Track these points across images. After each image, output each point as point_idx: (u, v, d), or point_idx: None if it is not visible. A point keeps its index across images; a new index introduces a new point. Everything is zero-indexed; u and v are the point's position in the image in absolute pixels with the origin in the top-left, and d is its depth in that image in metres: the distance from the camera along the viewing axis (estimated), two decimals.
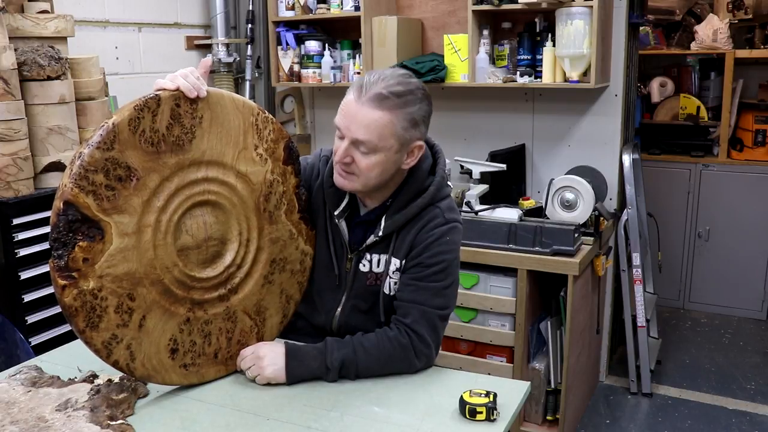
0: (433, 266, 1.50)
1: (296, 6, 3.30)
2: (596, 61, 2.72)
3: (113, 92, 2.83)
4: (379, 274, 1.56)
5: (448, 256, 1.51)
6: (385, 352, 1.46)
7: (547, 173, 3.18)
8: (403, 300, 1.51)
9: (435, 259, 1.50)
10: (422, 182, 1.53)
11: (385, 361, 1.46)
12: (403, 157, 1.47)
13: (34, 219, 2.19)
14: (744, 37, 4.22)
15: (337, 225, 1.57)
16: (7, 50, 2.10)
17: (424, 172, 1.54)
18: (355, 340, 1.48)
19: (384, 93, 1.39)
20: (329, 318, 1.63)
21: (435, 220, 1.51)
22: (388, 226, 1.52)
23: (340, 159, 1.44)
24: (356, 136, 1.40)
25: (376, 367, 1.46)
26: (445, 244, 1.51)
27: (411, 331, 1.47)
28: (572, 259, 2.58)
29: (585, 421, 3.01)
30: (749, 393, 3.22)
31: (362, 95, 1.39)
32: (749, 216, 3.94)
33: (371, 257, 1.56)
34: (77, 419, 1.26)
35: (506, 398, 1.36)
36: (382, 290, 1.56)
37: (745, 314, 4.07)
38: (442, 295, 1.51)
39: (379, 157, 1.42)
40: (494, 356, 2.77)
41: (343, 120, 1.42)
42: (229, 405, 1.38)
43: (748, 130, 3.97)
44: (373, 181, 1.46)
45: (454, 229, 1.53)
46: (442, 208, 1.53)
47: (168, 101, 1.31)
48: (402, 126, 1.41)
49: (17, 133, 2.13)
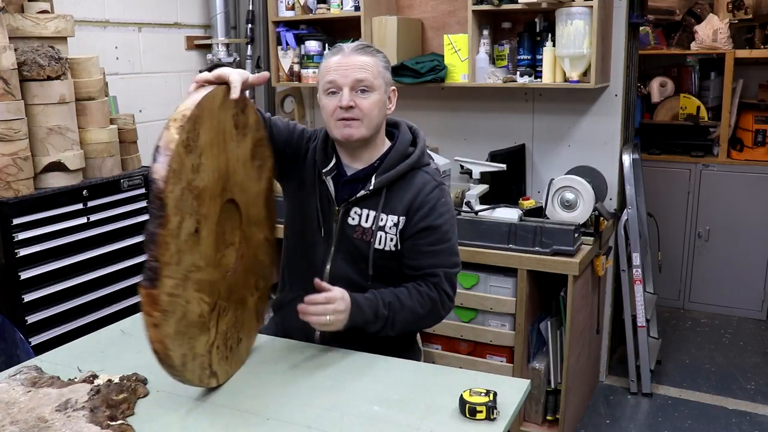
0: (440, 227, 1.67)
1: (296, 6, 3.30)
2: (596, 61, 2.72)
3: (113, 92, 2.83)
4: (367, 228, 1.67)
5: (448, 215, 1.70)
6: (418, 307, 1.63)
7: (547, 173, 3.18)
8: (424, 267, 1.67)
9: (440, 220, 1.67)
10: (405, 148, 1.72)
11: (417, 314, 1.64)
12: (386, 99, 1.68)
13: (34, 219, 2.19)
14: (744, 37, 4.22)
15: (324, 182, 1.70)
16: (7, 50, 2.10)
17: (406, 141, 1.73)
18: (393, 292, 1.63)
19: (361, 44, 1.67)
20: (321, 272, 1.70)
21: (428, 184, 1.68)
22: (379, 181, 1.66)
23: (347, 103, 1.60)
24: (355, 76, 1.61)
25: (411, 318, 1.63)
26: (444, 205, 1.69)
27: (439, 288, 1.66)
28: (572, 259, 2.58)
29: (585, 421, 3.01)
30: (749, 393, 3.21)
31: (346, 51, 1.64)
32: (749, 216, 3.94)
33: (360, 211, 1.68)
34: (77, 419, 1.26)
35: (506, 397, 1.36)
36: (373, 245, 1.67)
37: (745, 314, 4.07)
38: (454, 253, 1.71)
39: (375, 96, 1.63)
40: (494, 356, 2.77)
41: (337, 72, 1.62)
42: (229, 405, 1.38)
43: (748, 130, 3.97)
44: (374, 122, 1.64)
45: (446, 191, 1.73)
46: (430, 172, 1.71)
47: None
48: (383, 66, 1.66)
49: (17, 133, 2.13)
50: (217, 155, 1.34)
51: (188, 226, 1.25)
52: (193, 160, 1.25)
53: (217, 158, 1.35)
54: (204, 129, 1.28)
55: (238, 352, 1.53)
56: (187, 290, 1.27)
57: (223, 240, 1.43)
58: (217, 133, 1.34)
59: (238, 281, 1.51)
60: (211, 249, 1.35)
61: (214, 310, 1.40)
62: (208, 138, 1.30)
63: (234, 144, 1.42)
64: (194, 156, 1.26)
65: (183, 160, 1.22)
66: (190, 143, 1.24)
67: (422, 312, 1.64)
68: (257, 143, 1.54)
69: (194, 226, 1.27)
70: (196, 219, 1.28)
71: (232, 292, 1.49)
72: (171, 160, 1.18)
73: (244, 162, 1.48)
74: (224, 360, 1.46)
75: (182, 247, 1.24)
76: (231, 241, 1.48)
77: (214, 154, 1.33)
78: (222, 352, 1.44)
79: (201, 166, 1.28)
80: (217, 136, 1.34)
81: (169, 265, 1.21)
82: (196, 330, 1.32)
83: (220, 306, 1.43)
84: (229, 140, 1.40)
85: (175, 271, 1.23)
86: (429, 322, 1.70)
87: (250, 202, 1.53)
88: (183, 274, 1.25)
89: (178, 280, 1.24)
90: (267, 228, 1.64)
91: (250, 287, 1.57)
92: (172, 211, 1.20)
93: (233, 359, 1.51)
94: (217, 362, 1.42)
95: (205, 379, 1.38)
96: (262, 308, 1.66)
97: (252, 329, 1.61)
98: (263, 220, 1.61)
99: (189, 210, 1.25)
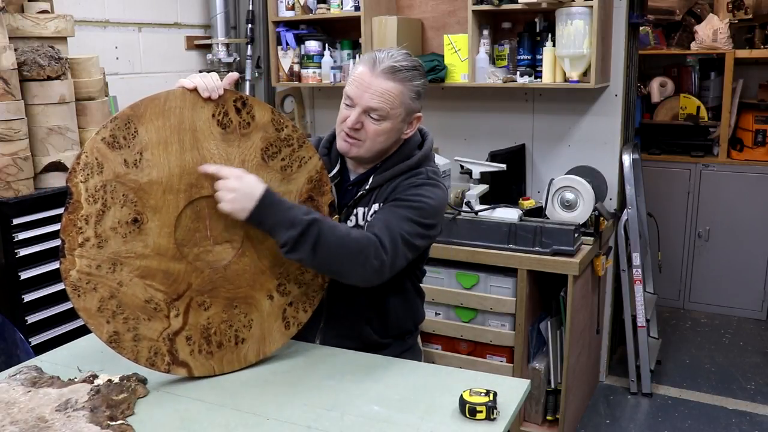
0: (409, 201, 1.54)
1: (296, 6, 3.30)
2: (596, 61, 2.72)
3: (113, 92, 2.83)
4: (362, 226, 1.63)
5: (426, 200, 1.54)
6: (348, 239, 1.44)
7: (547, 173, 3.18)
8: (372, 222, 1.55)
9: (413, 196, 1.54)
10: (411, 151, 1.65)
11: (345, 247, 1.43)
12: (404, 126, 1.60)
13: (34, 219, 2.19)
14: (744, 37, 4.22)
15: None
16: (7, 50, 2.10)
17: (413, 145, 1.66)
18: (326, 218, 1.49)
19: (397, 66, 1.52)
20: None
21: (419, 176, 1.60)
22: (375, 180, 1.62)
23: (352, 125, 1.54)
24: (370, 104, 1.52)
25: (335, 246, 1.42)
26: (426, 190, 1.56)
27: (374, 235, 1.47)
28: (572, 259, 2.58)
29: (585, 421, 3.01)
30: (749, 393, 3.22)
31: (376, 67, 1.52)
32: (749, 216, 3.94)
33: (357, 211, 1.64)
34: (77, 419, 1.26)
35: (506, 397, 1.36)
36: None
37: (745, 314, 4.07)
38: (410, 222, 1.52)
39: (387, 124, 1.54)
40: (494, 356, 2.77)
41: (356, 90, 1.53)
42: (229, 405, 1.38)
43: (748, 130, 3.97)
44: (378, 146, 1.57)
45: (437, 186, 1.60)
46: (426, 171, 1.62)
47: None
48: (410, 96, 1.56)
49: (17, 133, 2.13)
50: (177, 152, 1.41)
51: (118, 215, 1.38)
52: (125, 156, 1.38)
53: (177, 155, 1.41)
54: (147, 128, 1.39)
55: (236, 352, 1.52)
56: (119, 274, 1.39)
57: (206, 236, 1.47)
58: (178, 132, 1.41)
59: (239, 280, 1.51)
60: (166, 240, 1.43)
61: (178, 300, 1.45)
62: (156, 136, 1.39)
63: (216, 143, 1.45)
64: (128, 152, 1.38)
65: (105, 154, 1.36)
66: (119, 140, 1.37)
67: (352, 245, 1.43)
68: (274, 143, 1.51)
69: (131, 216, 1.40)
70: (136, 210, 1.40)
71: (224, 290, 1.49)
72: (81, 154, 1.35)
73: (245, 161, 1.48)
74: (205, 354, 1.49)
75: (106, 233, 1.38)
76: (226, 238, 1.49)
77: (169, 152, 1.41)
78: (199, 346, 1.48)
79: (143, 162, 1.39)
80: (176, 135, 1.41)
81: (82, 247, 1.36)
82: (141, 314, 1.42)
83: (195, 299, 1.47)
84: (205, 139, 1.44)
85: (94, 254, 1.37)
86: (356, 267, 1.44)
87: None
88: (109, 257, 1.38)
89: (99, 262, 1.37)
90: None
91: (264, 289, 1.54)
92: (85, 199, 1.36)
93: (227, 358, 1.51)
94: (188, 354, 1.47)
95: (161, 365, 1.45)
96: (294, 315, 1.58)
97: (268, 333, 1.56)
98: None
99: (119, 200, 1.38)
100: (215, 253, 1.49)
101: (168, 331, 1.45)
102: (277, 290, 1.56)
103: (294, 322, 1.59)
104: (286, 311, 1.57)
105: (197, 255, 1.47)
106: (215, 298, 1.49)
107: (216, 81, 1.44)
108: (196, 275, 1.47)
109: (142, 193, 1.40)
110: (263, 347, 1.56)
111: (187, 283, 1.46)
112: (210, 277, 1.48)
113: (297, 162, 1.54)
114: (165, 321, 1.45)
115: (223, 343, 1.50)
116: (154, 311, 1.43)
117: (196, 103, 1.43)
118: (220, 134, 1.45)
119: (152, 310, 1.43)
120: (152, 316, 1.43)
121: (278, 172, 1.52)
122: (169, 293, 1.44)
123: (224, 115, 1.45)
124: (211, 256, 1.48)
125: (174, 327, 1.45)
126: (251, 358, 1.55)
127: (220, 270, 1.49)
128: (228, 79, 1.46)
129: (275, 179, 1.52)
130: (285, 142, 1.53)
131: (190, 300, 1.47)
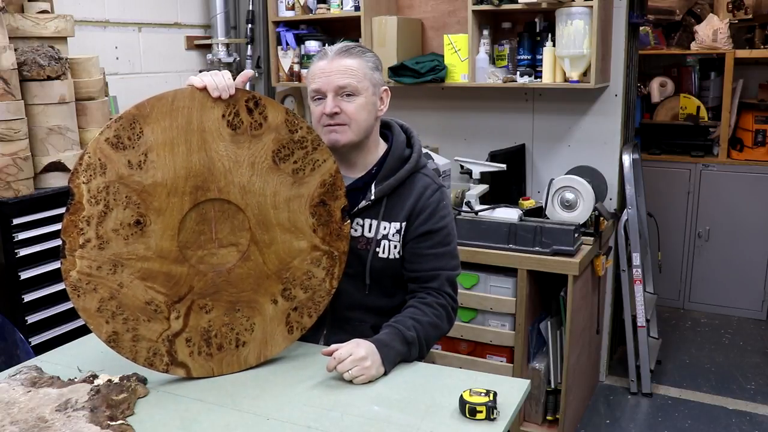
0: (441, 231, 1.65)
1: (296, 6, 3.30)
2: (596, 61, 2.72)
3: (113, 92, 2.83)
4: (371, 238, 1.65)
5: (448, 219, 1.68)
6: (434, 318, 1.60)
7: (547, 173, 3.18)
8: (425, 270, 1.65)
9: (441, 223, 1.66)
10: (402, 151, 1.68)
11: (436, 326, 1.61)
12: (377, 101, 1.64)
13: (34, 219, 2.19)
14: (744, 37, 4.22)
15: None
16: (7, 50, 2.10)
17: (402, 143, 1.70)
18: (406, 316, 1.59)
19: (347, 46, 1.62)
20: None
21: (429, 187, 1.66)
22: (379, 190, 1.63)
23: (331, 110, 1.57)
24: (338, 83, 1.57)
25: (432, 333, 1.60)
26: (444, 208, 1.67)
27: (444, 293, 1.64)
28: (572, 259, 2.58)
29: (585, 421, 3.01)
30: (749, 393, 3.22)
31: (329, 55, 1.60)
32: (749, 216, 3.94)
33: (363, 222, 1.65)
34: (77, 419, 1.26)
35: (506, 397, 1.36)
36: (374, 253, 1.64)
37: (745, 314, 4.07)
38: (454, 256, 1.69)
39: (361, 99, 1.59)
40: (494, 356, 2.77)
41: (321, 79, 1.59)
42: (229, 405, 1.38)
43: (748, 130, 3.97)
44: (362, 124, 1.60)
45: (446, 193, 1.72)
46: (429, 175, 1.69)
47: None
48: (370, 68, 1.62)
49: (17, 133, 2.13)
50: (184, 154, 1.39)
51: (121, 216, 1.37)
52: (130, 157, 1.36)
53: (184, 157, 1.39)
54: (153, 128, 1.37)
55: (236, 354, 1.52)
56: (119, 275, 1.39)
57: (210, 238, 1.45)
58: (185, 132, 1.39)
59: (243, 284, 1.50)
60: (168, 243, 1.42)
61: (179, 303, 1.45)
62: (162, 137, 1.37)
63: (225, 144, 1.42)
64: (132, 153, 1.36)
65: (109, 155, 1.34)
66: (124, 141, 1.35)
67: (440, 322, 1.61)
68: (287, 145, 1.48)
69: (134, 218, 1.38)
70: (138, 212, 1.38)
71: (227, 293, 1.49)
72: (84, 154, 1.33)
73: (253, 163, 1.45)
74: (204, 356, 1.49)
75: (107, 235, 1.37)
76: (232, 241, 1.48)
77: (176, 153, 1.39)
78: (199, 348, 1.48)
79: (148, 163, 1.37)
80: (183, 136, 1.39)
81: (83, 248, 1.35)
82: (141, 315, 1.42)
83: (196, 302, 1.46)
84: (214, 140, 1.41)
85: (95, 255, 1.37)
86: (447, 328, 1.66)
87: (270, 206, 1.49)
88: (110, 259, 1.38)
89: (100, 263, 1.37)
90: (314, 236, 1.54)
91: (268, 293, 1.53)
92: (87, 200, 1.34)
93: (227, 360, 1.51)
94: (187, 355, 1.47)
95: (160, 365, 1.46)
96: (298, 320, 1.57)
97: (270, 337, 1.55)
98: (304, 226, 1.53)
99: (121, 202, 1.36)
100: (219, 256, 1.47)
101: (168, 332, 1.45)
102: (282, 294, 1.54)
103: (298, 326, 1.57)
104: (290, 316, 1.56)
105: (201, 258, 1.46)
106: (217, 301, 1.48)
107: (227, 80, 1.41)
108: (198, 278, 1.45)
109: (145, 195, 1.38)
110: (264, 351, 1.55)
111: (189, 286, 1.45)
112: (213, 280, 1.47)
113: (310, 165, 1.51)
114: (165, 323, 1.44)
115: (223, 346, 1.50)
116: (154, 313, 1.43)
117: (206, 102, 1.40)
118: (229, 135, 1.42)
119: (152, 311, 1.43)
120: (152, 317, 1.43)
121: (289, 175, 1.49)
122: (171, 296, 1.44)
123: (235, 115, 1.42)
124: (215, 259, 1.47)
125: (174, 329, 1.45)
126: (252, 360, 1.54)
127: (223, 273, 1.47)
128: (241, 78, 1.45)
129: (286, 182, 1.49)
130: (298, 144, 1.49)
131: (192, 303, 1.46)
